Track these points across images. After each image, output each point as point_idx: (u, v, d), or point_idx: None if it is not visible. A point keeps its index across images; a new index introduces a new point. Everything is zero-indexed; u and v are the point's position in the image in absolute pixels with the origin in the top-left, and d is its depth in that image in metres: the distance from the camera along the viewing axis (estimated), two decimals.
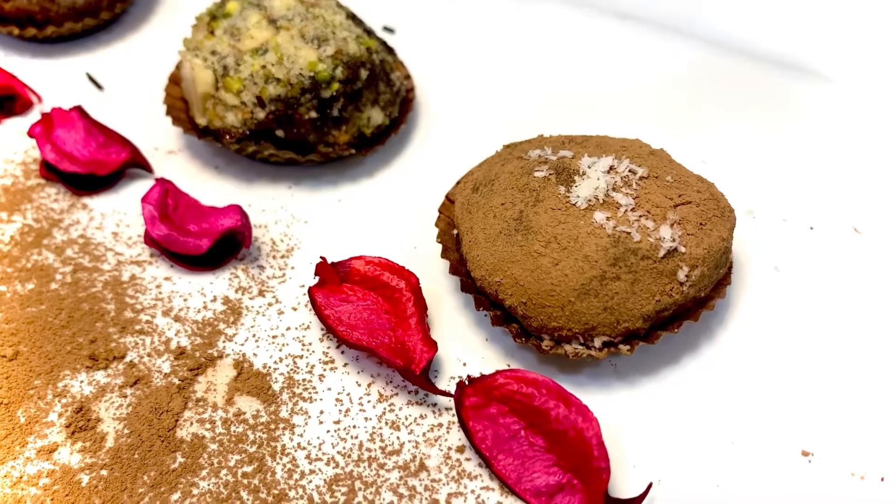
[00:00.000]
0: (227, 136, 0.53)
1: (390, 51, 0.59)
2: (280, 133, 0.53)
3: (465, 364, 0.47)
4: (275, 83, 0.51)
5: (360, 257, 0.49)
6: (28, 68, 0.65)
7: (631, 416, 0.46)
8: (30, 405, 0.46)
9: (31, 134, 0.56)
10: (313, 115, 0.52)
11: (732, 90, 0.64)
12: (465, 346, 0.48)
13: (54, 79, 0.64)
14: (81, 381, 0.47)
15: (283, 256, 0.53)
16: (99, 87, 0.63)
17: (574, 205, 0.44)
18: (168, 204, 0.52)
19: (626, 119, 0.61)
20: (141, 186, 0.57)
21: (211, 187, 0.57)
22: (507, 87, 0.63)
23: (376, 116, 0.55)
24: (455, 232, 0.50)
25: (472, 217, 0.47)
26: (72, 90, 0.63)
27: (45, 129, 0.56)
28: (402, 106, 0.58)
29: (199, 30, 0.55)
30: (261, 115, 0.52)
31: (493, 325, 0.46)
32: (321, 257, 0.49)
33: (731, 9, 0.67)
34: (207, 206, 0.54)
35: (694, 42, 0.67)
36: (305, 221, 0.55)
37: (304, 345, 0.48)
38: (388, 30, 0.67)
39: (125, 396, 0.46)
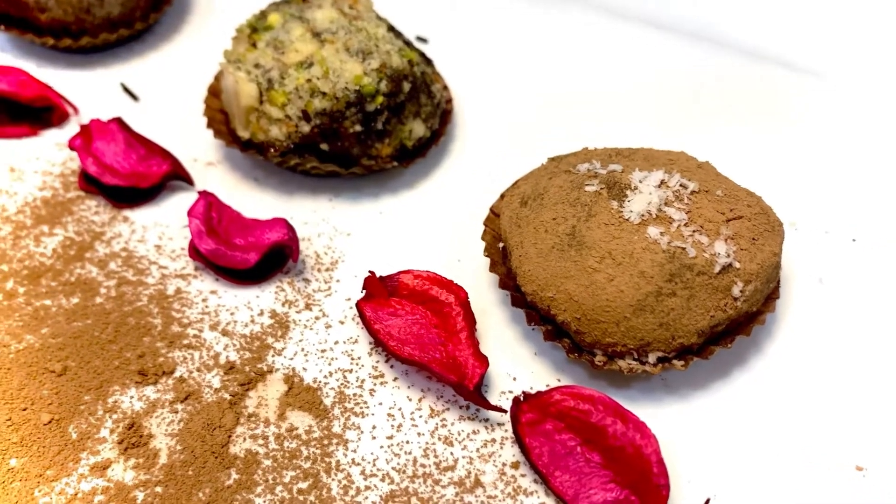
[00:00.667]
0: (272, 150, 0.53)
1: (429, 62, 0.59)
2: (324, 146, 0.53)
3: (514, 379, 0.47)
4: (320, 97, 0.51)
5: (408, 271, 0.49)
6: (63, 79, 0.64)
7: (683, 430, 0.46)
8: (81, 421, 0.46)
9: (71, 146, 0.56)
10: (358, 128, 0.52)
11: (763, 98, 0.64)
12: (515, 360, 0.48)
13: (89, 89, 0.64)
14: (132, 397, 0.46)
15: (327, 269, 0.53)
16: (134, 97, 0.63)
17: (627, 220, 0.44)
18: (212, 217, 0.52)
19: (660, 127, 0.61)
20: (181, 198, 0.57)
21: (251, 199, 0.57)
22: (544, 95, 0.63)
23: (418, 129, 0.55)
24: (501, 245, 0.50)
25: (521, 231, 0.47)
26: (107, 101, 0.63)
27: (84, 142, 0.56)
28: (442, 117, 0.58)
29: (241, 42, 0.55)
30: (305, 128, 0.52)
31: (544, 341, 0.46)
32: (370, 272, 0.48)
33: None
34: (250, 218, 0.54)
35: (725, 51, 0.67)
36: (348, 234, 0.55)
37: (352, 359, 0.48)
38: (422, 40, 0.67)
39: (176, 412, 0.46)
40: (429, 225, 0.55)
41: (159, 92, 0.64)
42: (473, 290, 0.51)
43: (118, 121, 0.57)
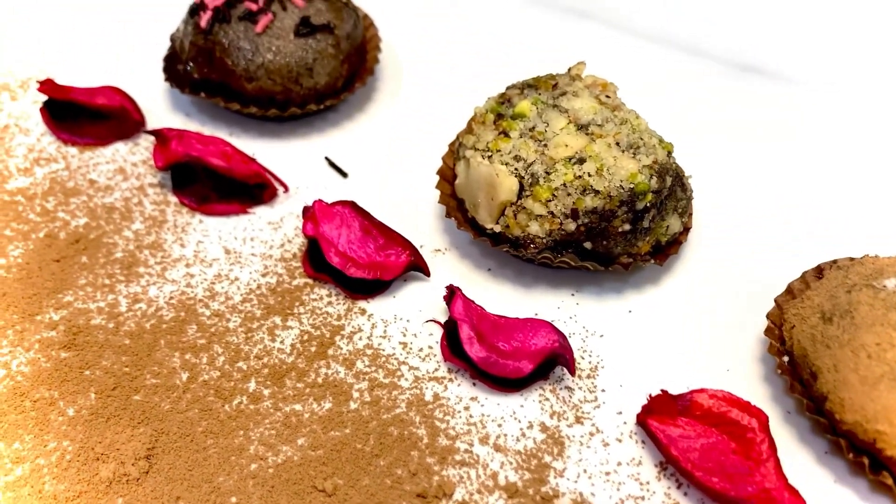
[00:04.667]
0: (531, 246, 0.50)
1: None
2: (588, 245, 0.50)
3: None
4: (592, 195, 0.48)
5: (702, 390, 0.45)
6: (259, 149, 0.61)
7: None
8: None
9: (306, 233, 0.52)
10: (626, 227, 0.49)
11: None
12: (816, 489, 0.45)
13: (289, 162, 0.61)
14: None
15: (588, 376, 0.49)
16: (343, 174, 0.60)
17: None
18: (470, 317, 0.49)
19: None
20: (415, 289, 0.53)
21: (489, 293, 0.53)
22: (774, 180, 0.60)
23: (675, 224, 0.52)
24: (786, 359, 0.47)
25: (832, 353, 0.44)
26: (310, 175, 0.60)
27: (314, 227, 0.53)
28: None
29: (486, 129, 0.52)
30: (571, 226, 0.49)
31: (867, 474, 0.43)
32: (662, 390, 0.45)
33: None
34: (496, 315, 0.50)
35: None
36: (601, 336, 0.51)
37: (641, 484, 0.45)
38: None
39: None
40: (685, 328, 0.52)
41: (364, 168, 0.61)
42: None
43: (352, 205, 0.54)
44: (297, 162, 0.61)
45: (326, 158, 0.61)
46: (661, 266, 0.54)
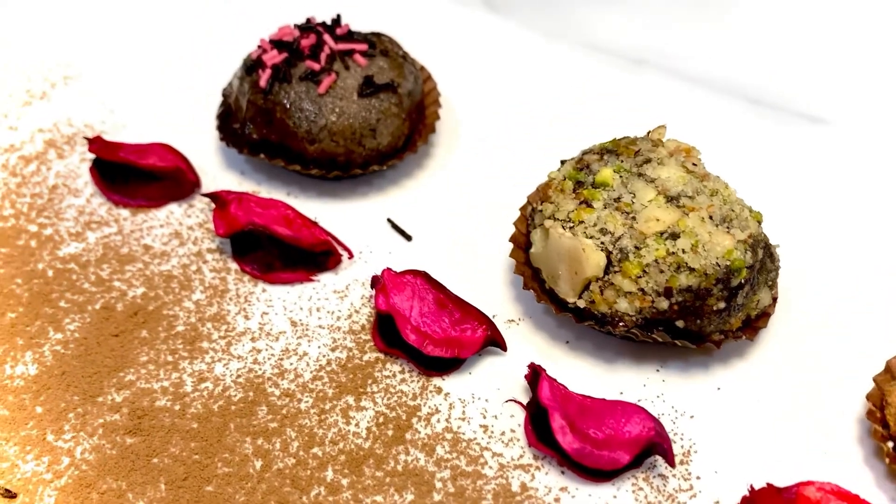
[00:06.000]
0: (620, 324, 0.47)
1: None
2: (680, 323, 0.47)
3: None
4: (687, 272, 0.46)
5: (809, 482, 0.43)
6: (323, 213, 0.59)
7: None
8: None
9: (380, 309, 0.50)
10: (721, 305, 0.47)
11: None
12: None
13: (353, 226, 0.58)
14: None
15: (681, 462, 0.47)
16: (407, 237, 0.58)
17: None
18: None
19: None
20: (491, 363, 0.51)
21: (568, 368, 0.51)
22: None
23: (765, 298, 0.50)
24: (890, 444, 0.45)
25: None
26: (374, 239, 0.58)
27: (386, 301, 0.51)
28: None
29: (564, 197, 0.50)
30: (664, 304, 0.47)
31: None
32: (768, 483, 0.43)
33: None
34: (580, 395, 0.48)
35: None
36: (691, 416, 0.49)
37: None
38: None
39: None
40: (776, 407, 0.49)
41: (428, 230, 0.58)
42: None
43: (424, 276, 0.52)
44: (359, 224, 0.59)
45: (389, 220, 0.59)
46: (752, 341, 0.51)
